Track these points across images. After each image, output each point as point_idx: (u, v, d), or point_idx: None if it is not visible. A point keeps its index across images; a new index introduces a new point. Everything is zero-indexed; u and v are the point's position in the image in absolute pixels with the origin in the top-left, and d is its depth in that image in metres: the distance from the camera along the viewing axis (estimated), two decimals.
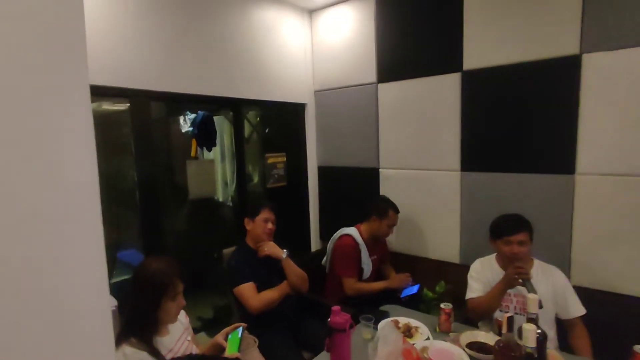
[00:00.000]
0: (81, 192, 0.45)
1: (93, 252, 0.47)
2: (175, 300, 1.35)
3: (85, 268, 0.45)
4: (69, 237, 0.44)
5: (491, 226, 1.88)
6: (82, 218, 0.45)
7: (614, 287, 1.95)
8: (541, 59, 2.05)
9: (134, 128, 2.11)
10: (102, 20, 1.84)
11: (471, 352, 1.47)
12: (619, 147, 1.89)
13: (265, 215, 2.10)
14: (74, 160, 0.45)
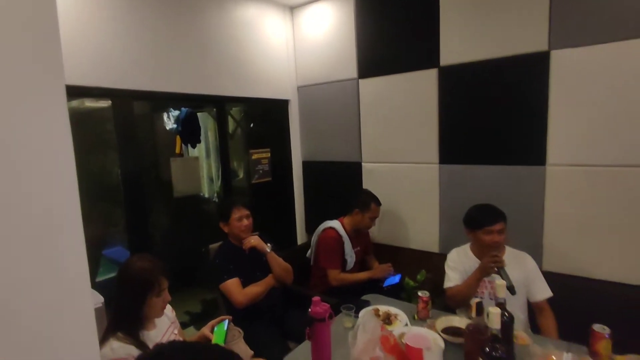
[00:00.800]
0: (59, 189, 0.47)
1: (73, 247, 0.49)
2: (160, 296, 1.40)
3: (65, 263, 0.48)
4: (48, 234, 0.46)
5: (467, 217, 1.95)
6: (62, 214, 0.47)
7: (583, 271, 2.07)
8: (513, 55, 2.13)
9: (118, 126, 2.13)
10: (81, 20, 1.85)
11: (446, 336, 1.55)
12: (586, 139, 1.99)
13: (237, 214, 2.12)
14: (52, 158, 0.47)
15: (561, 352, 1.43)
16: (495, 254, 1.76)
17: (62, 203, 0.48)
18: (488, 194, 2.21)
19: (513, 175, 2.21)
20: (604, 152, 1.95)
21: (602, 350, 1.39)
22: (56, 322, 0.47)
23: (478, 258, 1.91)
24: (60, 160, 0.49)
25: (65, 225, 0.49)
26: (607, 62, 1.89)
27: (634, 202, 1.90)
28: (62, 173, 0.49)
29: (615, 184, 1.94)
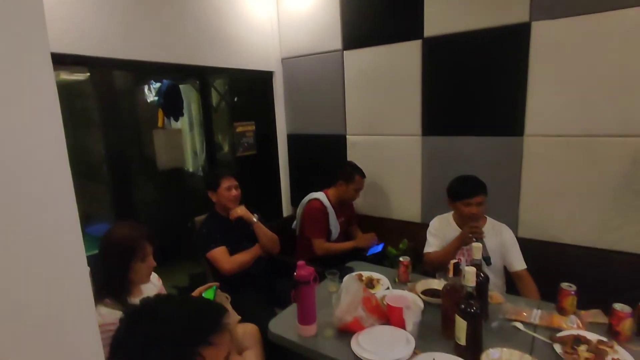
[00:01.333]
0: (49, 156, 0.47)
1: (66, 214, 0.49)
2: (145, 262, 1.42)
3: (58, 231, 0.48)
4: (40, 202, 0.45)
5: (450, 189, 2.01)
6: (52, 181, 0.47)
7: (554, 237, 2.18)
8: (495, 27, 2.15)
9: (98, 98, 2.08)
10: None
11: (425, 297, 1.64)
12: (562, 111, 2.06)
13: (226, 184, 2.14)
14: (40, 125, 0.46)
15: (531, 309, 1.54)
16: (474, 225, 1.82)
17: (52, 168, 0.47)
18: (468, 165, 2.28)
19: (492, 146, 2.27)
20: (578, 123, 2.03)
21: (569, 306, 1.49)
22: (54, 290, 0.47)
23: (459, 227, 1.99)
24: (50, 134, 0.48)
25: (59, 200, 0.49)
26: (585, 34, 1.94)
27: (603, 170, 2.00)
28: (52, 146, 0.48)
29: (586, 153, 2.03)
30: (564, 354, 1.25)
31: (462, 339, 1.26)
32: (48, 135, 0.47)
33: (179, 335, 0.66)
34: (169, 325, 0.67)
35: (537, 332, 1.39)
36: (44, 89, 0.47)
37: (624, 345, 1.29)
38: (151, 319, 0.68)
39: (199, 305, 0.75)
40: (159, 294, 1.18)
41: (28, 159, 0.44)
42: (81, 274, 0.50)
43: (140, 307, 0.72)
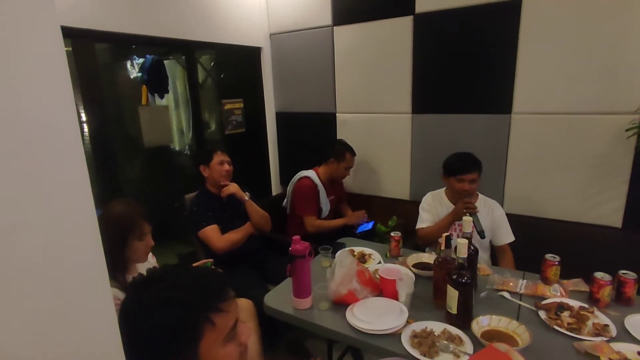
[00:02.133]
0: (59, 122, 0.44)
1: (80, 193, 0.48)
2: (142, 240, 1.40)
3: (70, 198, 0.47)
4: (52, 173, 0.44)
5: (445, 164, 2.02)
6: (64, 158, 0.45)
7: (538, 212, 2.26)
8: (486, 3, 2.15)
9: (80, 73, 1.99)
10: None
11: (416, 270, 1.68)
12: (548, 88, 2.09)
13: (219, 158, 2.13)
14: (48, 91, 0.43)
15: (517, 279, 1.61)
16: (468, 200, 1.87)
17: (62, 135, 0.45)
18: (457, 143, 2.30)
19: (481, 123, 2.31)
20: (562, 100, 2.07)
21: (552, 275, 1.57)
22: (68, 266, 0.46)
23: (451, 202, 2.03)
24: (61, 105, 0.45)
25: (73, 178, 0.47)
26: (573, 12, 1.96)
27: (585, 148, 2.07)
28: (64, 120, 0.45)
29: (570, 131, 2.08)
30: (548, 319, 1.32)
31: (454, 308, 1.31)
32: (60, 110, 0.44)
33: (189, 299, 0.66)
34: (180, 290, 0.67)
35: (522, 301, 1.46)
36: (55, 62, 0.43)
37: (603, 310, 1.37)
38: (161, 284, 0.68)
39: (207, 274, 0.76)
40: (165, 264, 1.18)
41: (39, 134, 0.42)
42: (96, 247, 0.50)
43: (148, 274, 0.72)
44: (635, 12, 1.84)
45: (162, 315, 0.64)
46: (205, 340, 0.66)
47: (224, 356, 0.68)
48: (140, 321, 0.62)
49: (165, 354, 0.64)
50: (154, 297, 0.66)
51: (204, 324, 0.66)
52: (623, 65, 1.90)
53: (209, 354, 0.66)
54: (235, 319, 0.72)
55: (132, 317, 0.59)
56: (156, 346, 0.64)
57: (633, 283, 1.41)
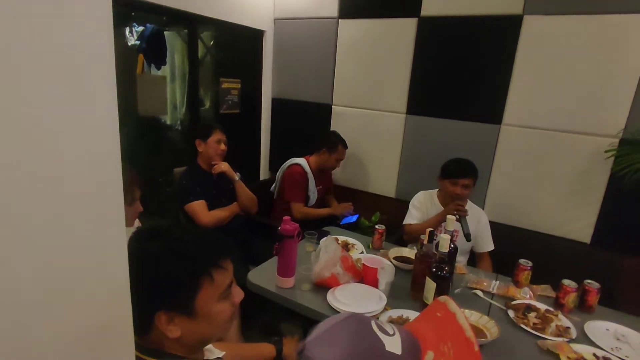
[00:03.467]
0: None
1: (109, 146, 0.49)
2: (132, 205, 1.40)
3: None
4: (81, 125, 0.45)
5: (444, 166, 2.08)
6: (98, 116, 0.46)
7: (518, 222, 2.36)
8: (489, 15, 2.22)
9: None
10: None
11: (396, 262, 1.74)
12: (538, 104, 2.19)
13: (217, 136, 2.14)
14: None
15: (491, 280, 1.69)
16: (460, 203, 1.93)
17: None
18: (447, 147, 2.38)
19: (471, 130, 2.38)
20: (551, 117, 2.17)
21: (524, 279, 1.66)
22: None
23: (442, 204, 2.09)
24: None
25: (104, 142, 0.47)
26: (569, 34, 2.05)
27: (566, 165, 2.17)
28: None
29: (553, 147, 2.18)
30: (515, 318, 1.40)
31: (430, 299, 1.37)
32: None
33: (193, 252, 0.68)
34: (186, 243, 0.69)
35: (494, 300, 1.54)
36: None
37: (566, 315, 1.46)
38: (165, 236, 0.70)
39: (209, 233, 0.78)
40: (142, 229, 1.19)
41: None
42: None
43: (154, 227, 0.74)
44: (624, 42, 1.94)
45: (167, 265, 0.66)
46: (202, 294, 0.68)
47: (217, 312, 0.71)
48: (144, 269, 0.64)
49: (164, 303, 0.67)
50: (160, 248, 0.68)
51: (204, 278, 0.68)
52: (609, 91, 2.01)
53: (204, 307, 0.69)
54: (231, 279, 0.75)
55: (136, 264, 0.61)
56: (157, 294, 0.66)
57: (596, 292, 1.50)
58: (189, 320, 0.68)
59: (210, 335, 0.73)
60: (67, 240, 0.44)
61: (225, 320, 0.73)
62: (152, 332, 0.68)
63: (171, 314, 0.67)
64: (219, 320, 0.71)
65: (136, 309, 0.56)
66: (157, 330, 0.67)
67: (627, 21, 1.92)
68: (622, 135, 2.00)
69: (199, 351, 0.77)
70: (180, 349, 0.71)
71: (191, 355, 0.72)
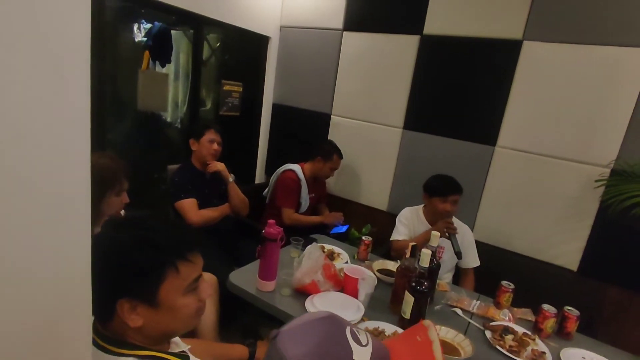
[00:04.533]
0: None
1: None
2: (119, 196, 1.41)
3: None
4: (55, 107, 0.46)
5: (428, 184, 2.09)
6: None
7: (504, 243, 2.36)
8: (490, 38, 2.25)
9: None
10: None
11: (379, 275, 1.74)
12: (532, 129, 2.21)
13: (210, 136, 2.15)
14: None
15: (472, 300, 1.68)
16: (450, 221, 1.94)
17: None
18: (441, 164, 2.40)
19: (466, 150, 2.40)
20: (544, 143, 2.19)
21: (505, 301, 1.65)
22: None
23: (428, 222, 2.10)
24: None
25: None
26: (567, 62, 2.08)
27: (555, 190, 2.18)
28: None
29: (545, 172, 2.20)
30: (492, 339, 1.40)
31: (408, 313, 1.37)
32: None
33: (161, 242, 0.69)
34: (154, 233, 0.70)
35: (473, 319, 1.54)
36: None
37: (544, 340, 1.45)
38: (136, 225, 0.71)
39: (182, 225, 0.79)
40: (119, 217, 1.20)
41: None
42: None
43: (126, 217, 0.75)
44: (620, 74, 1.97)
45: (132, 252, 0.67)
46: (166, 284, 0.69)
47: (182, 305, 0.71)
48: (109, 255, 0.65)
49: (127, 290, 0.67)
50: (128, 236, 0.69)
51: (169, 268, 0.69)
52: (603, 121, 2.03)
53: (168, 299, 0.69)
54: (199, 273, 0.75)
55: (103, 252, 0.62)
56: (120, 281, 0.67)
57: (575, 319, 1.50)
58: (152, 310, 0.69)
59: (173, 328, 0.74)
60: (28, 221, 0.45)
61: (189, 314, 0.73)
62: (114, 320, 0.69)
63: (134, 303, 0.68)
64: (183, 314, 0.72)
65: (98, 295, 0.56)
66: (119, 319, 0.68)
67: (623, 54, 1.95)
68: (613, 165, 2.01)
69: (162, 343, 0.77)
70: (142, 340, 0.71)
71: (153, 346, 0.72)
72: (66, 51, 0.44)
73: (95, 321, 0.70)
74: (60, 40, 0.44)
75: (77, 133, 0.48)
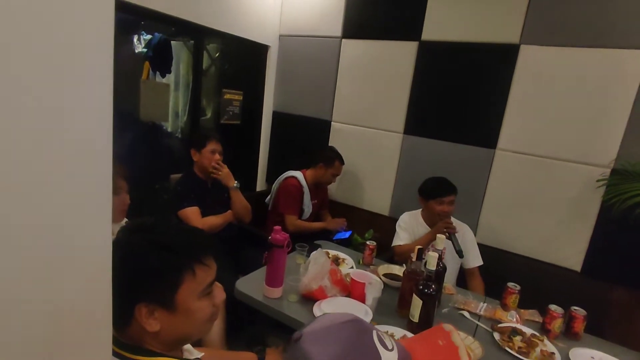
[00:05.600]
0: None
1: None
2: (118, 194, 1.41)
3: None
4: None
5: (423, 188, 2.13)
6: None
7: (508, 245, 2.37)
8: (488, 42, 2.29)
9: None
10: None
11: (385, 279, 1.74)
12: (532, 131, 2.23)
13: (212, 147, 2.15)
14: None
15: (479, 302, 1.68)
16: (449, 221, 1.96)
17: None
18: (442, 168, 2.40)
19: (467, 153, 2.42)
20: (544, 145, 2.21)
21: (511, 303, 1.65)
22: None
23: (427, 224, 2.12)
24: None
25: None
26: (565, 65, 2.11)
27: (557, 192, 2.20)
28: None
29: (546, 173, 2.22)
30: (501, 341, 1.39)
31: (416, 317, 1.37)
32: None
33: (177, 246, 0.70)
34: (171, 236, 0.71)
35: (480, 322, 1.53)
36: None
37: (552, 341, 1.45)
38: (150, 230, 0.72)
39: (195, 229, 0.79)
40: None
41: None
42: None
43: (140, 221, 0.75)
44: (617, 76, 1.99)
45: (150, 256, 0.67)
46: (183, 288, 0.69)
47: (197, 308, 0.72)
48: (127, 260, 0.65)
49: (145, 295, 0.67)
50: (145, 240, 0.69)
51: (186, 272, 0.69)
52: (602, 122, 2.05)
53: (184, 303, 0.70)
54: (213, 277, 0.75)
55: (120, 256, 0.62)
56: (139, 286, 0.67)
57: (582, 319, 1.50)
58: (168, 314, 0.69)
59: (189, 332, 0.74)
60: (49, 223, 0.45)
61: (204, 318, 0.73)
62: (131, 325, 0.69)
63: (151, 307, 0.68)
64: (198, 318, 0.72)
65: (117, 300, 0.56)
66: (137, 324, 0.68)
67: (620, 56, 1.98)
68: (613, 165, 2.03)
69: (177, 349, 0.77)
70: (158, 346, 0.71)
71: (168, 352, 0.72)
72: (90, 51, 0.45)
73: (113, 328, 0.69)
74: (85, 40, 0.45)
75: (100, 133, 0.48)
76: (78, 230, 0.49)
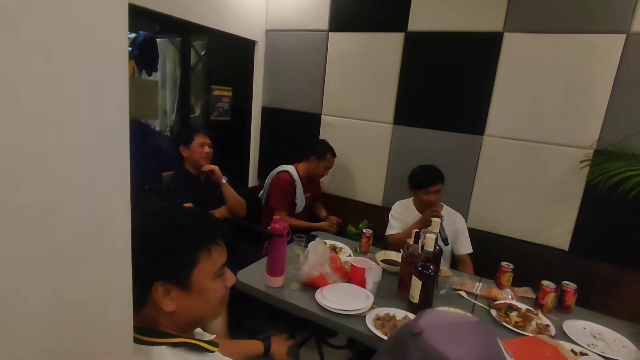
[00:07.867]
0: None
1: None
2: None
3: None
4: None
5: (411, 177, 2.18)
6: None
7: (498, 229, 2.43)
8: (472, 32, 2.34)
9: None
10: None
11: (383, 265, 1.78)
12: (518, 116, 2.29)
13: (200, 140, 2.15)
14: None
15: (474, 282, 1.73)
16: (435, 209, 2.02)
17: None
18: (432, 157, 2.44)
19: (456, 141, 2.47)
20: (529, 129, 2.27)
21: (505, 281, 1.71)
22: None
23: (419, 212, 2.16)
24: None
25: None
26: (546, 51, 2.17)
27: (543, 175, 2.27)
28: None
29: (532, 157, 2.28)
30: (498, 317, 1.45)
31: (416, 297, 1.41)
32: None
33: (193, 226, 0.71)
34: (183, 217, 0.72)
35: (477, 300, 1.58)
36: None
37: (546, 314, 1.51)
38: (164, 212, 0.73)
39: (206, 212, 0.81)
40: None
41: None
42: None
43: (153, 206, 0.76)
44: (596, 60, 2.07)
45: (167, 236, 0.68)
46: (199, 268, 0.71)
47: (211, 289, 0.73)
48: (144, 242, 0.65)
49: (162, 273, 0.69)
50: (161, 222, 0.70)
51: (202, 251, 0.71)
52: (583, 105, 2.12)
53: (199, 282, 0.71)
54: (225, 259, 0.77)
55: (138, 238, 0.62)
56: (156, 265, 0.68)
57: (573, 293, 1.57)
58: (184, 294, 0.70)
59: (202, 314, 0.75)
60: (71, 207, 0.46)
61: (217, 299, 0.75)
62: (147, 306, 0.69)
63: (168, 286, 0.69)
64: (212, 299, 0.74)
65: (134, 280, 0.57)
66: (153, 305, 0.69)
67: (598, 41, 2.05)
68: (596, 146, 2.11)
69: (190, 331, 0.78)
70: (173, 327, 0.72)
71: (183, 334, 0.73)
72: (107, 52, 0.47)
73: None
74: (103, 45, 0.46)
75: (118, 127, 0.49)
76: (99, 221, 0.50)
